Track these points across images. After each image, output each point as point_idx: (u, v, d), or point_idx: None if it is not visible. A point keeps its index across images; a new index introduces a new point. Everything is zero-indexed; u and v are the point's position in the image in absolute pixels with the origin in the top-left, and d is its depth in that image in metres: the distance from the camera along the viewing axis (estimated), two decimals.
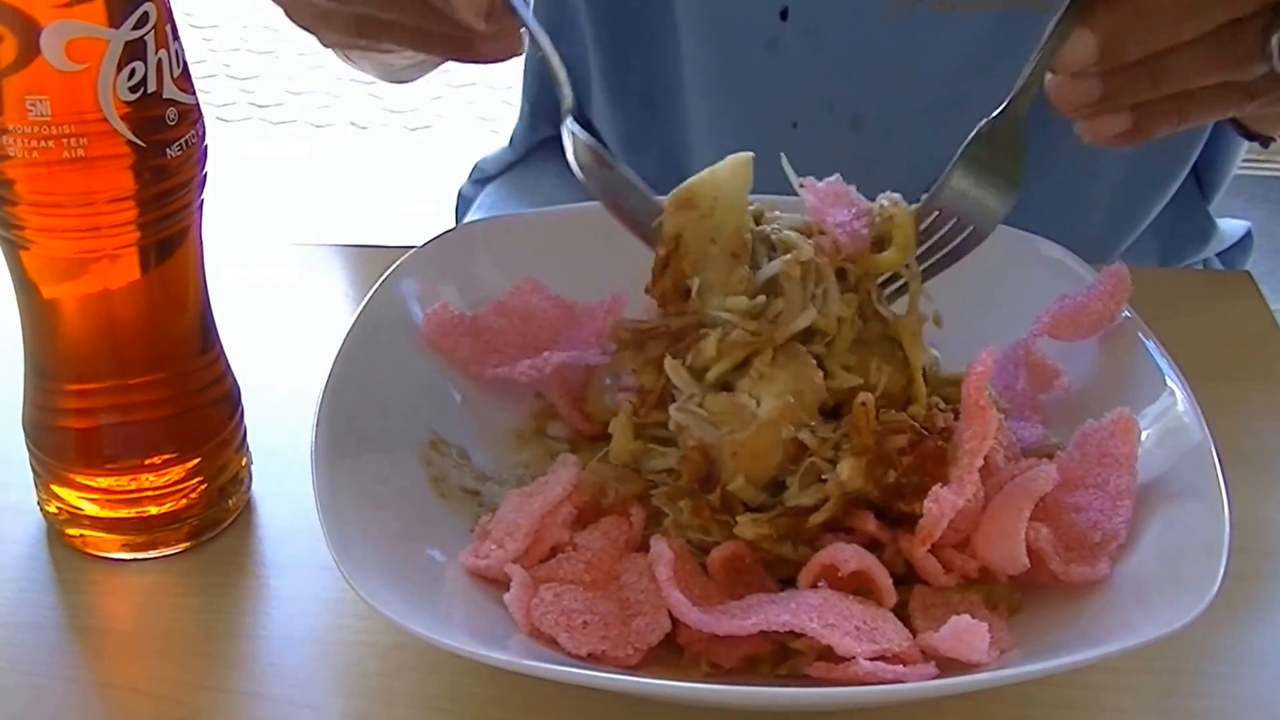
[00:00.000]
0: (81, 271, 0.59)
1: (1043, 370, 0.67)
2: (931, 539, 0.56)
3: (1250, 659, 0.60)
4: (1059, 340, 0.68)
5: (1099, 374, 0.66)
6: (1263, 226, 1.09)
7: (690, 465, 0.61)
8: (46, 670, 0.59)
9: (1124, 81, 0.58)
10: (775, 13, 0.87)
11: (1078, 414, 0.64)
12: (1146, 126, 0.60)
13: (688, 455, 0.61)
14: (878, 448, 0.58)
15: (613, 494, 0.61)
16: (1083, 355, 0.67)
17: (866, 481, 0.58)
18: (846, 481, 0.58)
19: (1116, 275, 0.67)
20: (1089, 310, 0.67)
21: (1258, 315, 0.80)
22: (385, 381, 0.66)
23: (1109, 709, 0.57)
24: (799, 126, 0.90)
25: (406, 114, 3.15)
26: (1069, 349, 0.68)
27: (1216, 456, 0.58)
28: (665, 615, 0.56)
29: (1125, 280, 0.67)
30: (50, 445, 0.63)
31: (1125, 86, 0.58)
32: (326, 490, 0.58)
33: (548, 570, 0.58)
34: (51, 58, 0.54)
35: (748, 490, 0.60)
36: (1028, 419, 0.67)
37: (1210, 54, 0.57)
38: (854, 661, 0.52)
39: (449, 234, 0.74)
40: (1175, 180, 0.97)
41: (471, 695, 0.58)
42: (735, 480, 0.60)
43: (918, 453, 0.58)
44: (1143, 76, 0.58)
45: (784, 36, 0.88)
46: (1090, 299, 0.67)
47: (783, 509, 0.59)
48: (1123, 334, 0.67)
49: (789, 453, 0.60)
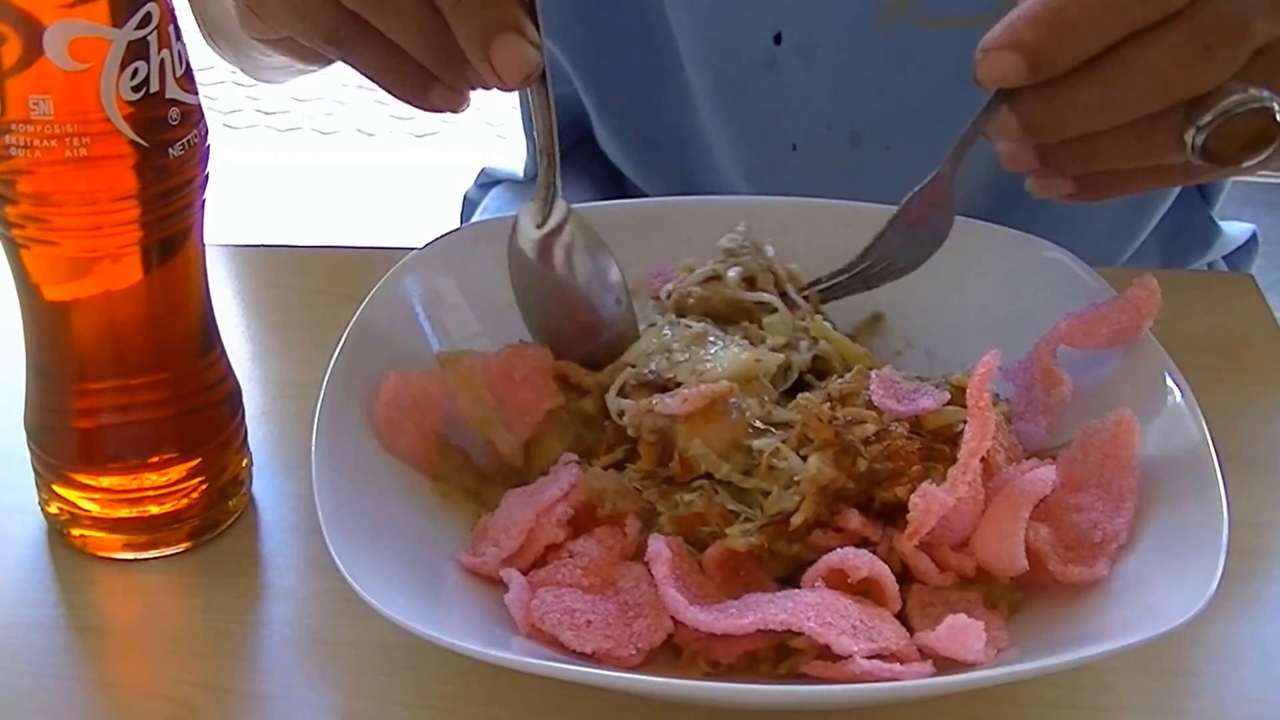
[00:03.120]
0: (84, 271, 0.59)
1: (1049, 376, 0.66)
2: (919, 534, 0.56)
3: (1249, 660, 0.60)
4: (1075, 349, 0.67)
5: (1099, 374, 0.66)
6: (1269, 234, 1.08)
7: (649, 450, 0.62)
8: (47, 670, 0.60)
9: (1057, 156, 0.61)
10: (769, 37, 0.87)
11: (1078, 415, 0.64)
12: (1090, 193, 0.63)
13: (645, 441, 0.62)
14: (839, 440, 0.59)
15: (610, 505, 0.61)
16: (1084, 356, 0.67)
17: (837, 472, 0.58)
18: (816, 475, 0.58)
19: (1146, 288, 0.66)
20: (1110, 320, 0.66)
21: (1259, 317, 0.80)
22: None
23: (1108, 709, 0.57)
24: (799, 148, 0.91)
25: (412, 120, 3.15)
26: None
27: (1216, 457, 0.58)
28: (666, 617, 0.56)
29: (1154, 294, 0.65)
30: (52, 445, 0.63)
31: (1059, 160, 0.61)
32: (326, 490, 0.58)
33: (545, 575, 0.59)
34: (55, 57, 0.54)
35: (711, 459, 0.60)
36: (1033, 420, 0.67)
37: (1131, 142, 0.59)
38: (851, 660, 0.53)
39: (450, 234, 0.74)
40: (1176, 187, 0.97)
41: (472, 695, 0.58)
42: (693, 444, 0.60)
43: (888, 439, 0.59)
44: (1075, 153, 0.60)
45: (779, 59, 0.88)
46: (1113, 309, 0.66)
47: (768, 518, 0.59)
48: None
49: (744, 420, 0.61)
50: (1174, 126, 0.57)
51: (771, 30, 0.87)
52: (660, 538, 0.58)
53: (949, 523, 0.58)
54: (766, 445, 0.61)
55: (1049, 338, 0.67)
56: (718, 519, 0.60)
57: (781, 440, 0.61)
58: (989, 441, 0.57)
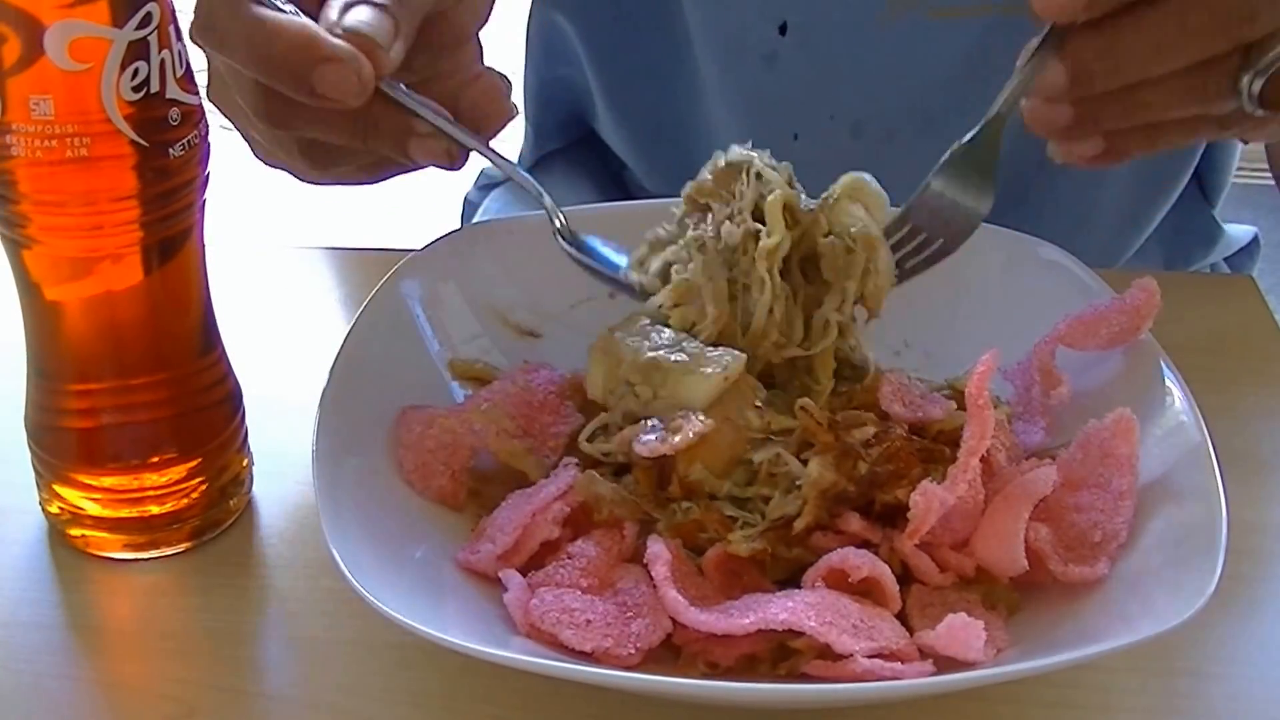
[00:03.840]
0: (84, 271, 0.59)
1: (1049, 377, 0.66)
2: (920, 533, 0.56)
3: (1247, 660, 0.60)
4: (1074, 349, 0.67)
5: (1099, 375, 0.66)
6: (1270, 236, 1.09)
7: (645, 475, 0.61)
8: (47, 670, 0.60)
9: (1096, 109, 0.59)
10: (774, 27, 0.87)
11: (1078, 415, 0.64)
12: (1118, 151, 0.61)
13: (640, 467, 0.61)
14: (839, 443, 0.59)
15: (606, 512, 0.61)
16: (1082, 357, 0.67)
17: (838, 475, 0.58)
18: (818, 479, 0.58)
19: (1145, 290, 0.65)
20: (1109, 322, 0.66)
21: (1259, 318, 0.80)
22: (386, 382, 0.66)
23: (1108, 709, 0.57)
24: (800, 138, 0.91)
25: None
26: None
27: (1215, 458, 0.58)
28: (664, 617, 0.56)
29: (1154, 295, 0.65)
30: (53, 445, 0.63)
31: (1097, 114, 0.59)
32: (326, 490, 0.58)
33: (544, 576, 0.59)
34: (55, 57, 0.54)
35: (711, 480, 0.60)
36: (1032, 421, 0.67)
37: (1182, 90, 0.58)
38: (852, 659, 0.53)
39: (451, 236, 0.74)
40: (1179, 184, 0.97)
41: (471, 694, 0.58)
42: (693, 469, 0.60)
43: (887, 441, 0.59)
44: (1115, 106, 0.59)
45: (783, 49, 0.88)
46: (1112, 311, 0.66)
47: (769, 522, 0.59)
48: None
49: (743, 436, 0.61)
50: (1229, 72, 0.56)
51: (777, 20, 0.87)
52: (659, 540, 0.58)
53: (949, 522, 0.58)
54: (766, 456, 0.60)
55: (1048, 339, 0.67)
56: (716, 525, 0.60)
57: (781, 448, 0.60)
58: (988, 440, 0.57)
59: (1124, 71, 0.57)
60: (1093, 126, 0.60)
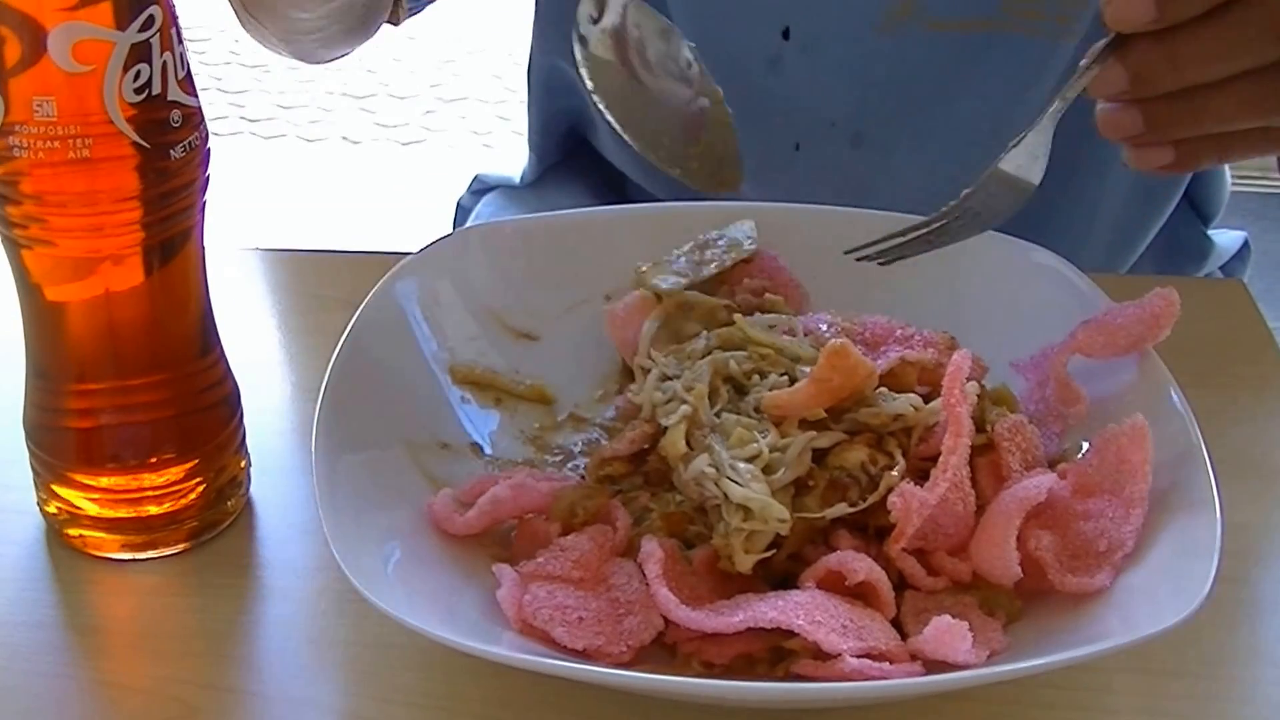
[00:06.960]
0: (85, 272, 0.59)
1: (1066, 389, 0.66)
2: (904, 535, 0.56)
3: (1242, 662, 0.60)
4: (1089, 358, 0.66)
5: (1094, 378, 0.66)
6: (1258, 242, 1.09)
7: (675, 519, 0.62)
8: (46, 670, 0.60)
9: (1165, 116, 0.60)
10: (777, 32, 0.88)
11: (1078, 423, 0.64)
12: (1189, 161, 0.61)
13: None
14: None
15: (581, 512, 0.61)
16: (1081, 363, 0.67)
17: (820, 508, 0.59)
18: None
19: (1164, 298, 0.65)
20: (1129, 330, 0.65)
21: (1250, 322, 0.80)
22: (383, 384, 0.67)
23: (1107, 709, 0.58)
24: (801, 147, 0.91)
25: (398, 129, 3.15)
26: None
27: (1209, 461, 0.58)
28: (657, 614, 0.56)
29: (1174, 304, 0.64)
30: (51, 445, 0.63)
31: (1166, 121, 0.60)
32: (326, 490, 0.58)
33: (535, 568, 0.59)
34: (58, 59, 0.54)
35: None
36: (1045, 428, 0.66)
37: (1248, 96, 0.58)
38: (840, 658, 0.53)
39: (446, 238, 0.74)
40: (1170, 202, 0.98)
41: (471, 694, 0.58)
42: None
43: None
44: (1182, 112, 0.59)
45: (785, 55, 0.88)
46: (1130, 319, 0.65)
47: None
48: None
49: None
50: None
51: (780, 26, 0.88)
52: (653, 539, 0.58)
53: (941, 526, 0.58)
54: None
55: (1063, 346, 0.66)
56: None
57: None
58: (967, 439, 0.57)
59: (1183, 73, 0.57)
60: (1163, 134, 0.60)
